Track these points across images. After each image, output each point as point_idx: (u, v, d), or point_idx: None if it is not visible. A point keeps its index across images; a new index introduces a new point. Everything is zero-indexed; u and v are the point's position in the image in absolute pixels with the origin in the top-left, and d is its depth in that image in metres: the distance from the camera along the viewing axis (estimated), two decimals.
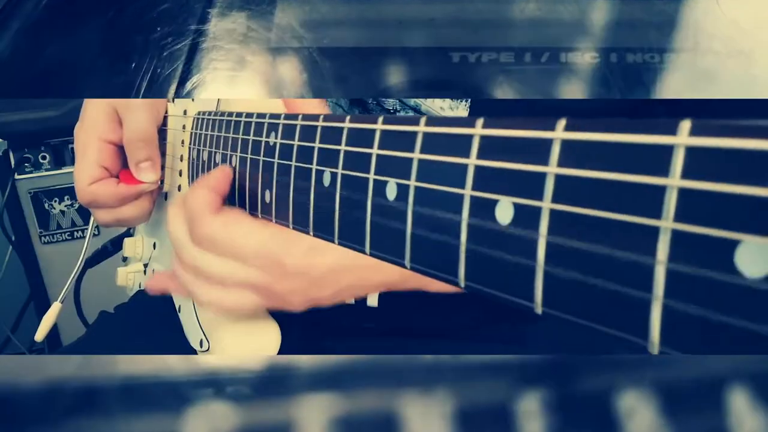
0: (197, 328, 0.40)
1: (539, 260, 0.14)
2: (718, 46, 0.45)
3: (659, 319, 0.13)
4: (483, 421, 0.36)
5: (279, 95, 0.51)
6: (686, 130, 0.13)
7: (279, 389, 0.37)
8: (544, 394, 0.36)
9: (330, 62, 0.52)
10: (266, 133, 0.27)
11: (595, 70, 0.47)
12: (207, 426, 0.34)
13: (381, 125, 0.19)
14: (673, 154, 0.13)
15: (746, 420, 0.34)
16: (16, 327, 0.99)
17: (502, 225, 0.15)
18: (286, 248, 0.31)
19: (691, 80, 0.45)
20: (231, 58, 0.54)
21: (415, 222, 0.17)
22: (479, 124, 0.16)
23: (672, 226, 0.13)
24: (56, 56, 0.52)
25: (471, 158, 0.16)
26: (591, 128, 0.14)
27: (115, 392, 0.35)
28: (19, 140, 0.93)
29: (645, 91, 0.45)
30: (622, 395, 0.36)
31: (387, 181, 0.18)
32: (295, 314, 0.37)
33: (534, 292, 0.14)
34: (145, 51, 0.54)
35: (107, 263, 0.61)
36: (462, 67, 0.50)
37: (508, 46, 0.49)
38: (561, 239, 0.14)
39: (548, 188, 0.14)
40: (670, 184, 0.13)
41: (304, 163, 0.23)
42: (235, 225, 0.32)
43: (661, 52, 0.46)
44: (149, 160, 0.42)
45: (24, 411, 0.34)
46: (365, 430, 0.35)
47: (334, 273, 0.32)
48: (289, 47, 0.53)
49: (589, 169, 0.14)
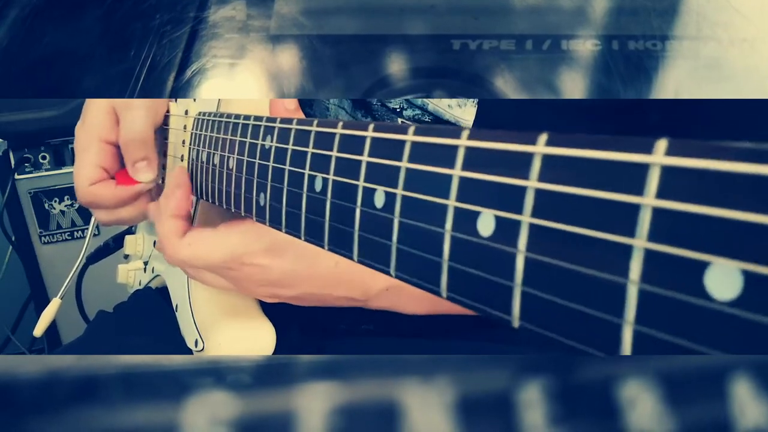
0: (193, 328, 0.41)
1: (517, 274, 0.15)
2: (721, 33, 0.44)
3: (630, 339, 0.13)
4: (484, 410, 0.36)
5: (279, 83, 0.51)
6: (662, 150, 0.13)
7: (279, 378, 0.38)
8: (545, 383, 0.36)
9: (330, 50, 0.52)
10: (263, 136, 0.28)
11: (597, 58, 0.46)
12: (207, 415, 0.34)
13: (371, 132, 0.19)
14: (648, 172, 0.13)
15: (749, 409, 0.34)
16: (16, 327, 0.99)
17: (483, 237, 0.15)
18: (244, 251, 0.35)
19: (693, 68, 0.45)
20: (231, 45, 0.53)
21: (401, 231, 0.18)
22: (464, 136, 0.16)
23: (645, 246, 0.13)
24: (54, 44, 0.52)
25: (456, 169, 0.16)
26: (571, 144, 0.14)
27: (114, 381, 0.36)
28: (19, 140, 0.93)
29: (647, 79, 0.45)
30: (624, 385, 0.36)
31: (375, 189, 0.19)
32: (293, 315, 0.38)
33: (512, 306, 0.15)
34: (144, 39, 0.54)
35: (109, 261, 0.62)
36: (463, 55, 0.49)
37: (510, 33, 0.48)
38: (539, 254, 0.14)
39: (528, 202, 0.15)
40: (644, 203, 0.13)
41: (297, 168, 0.24)
42: (198, 245, 0.36)
43: (663, 39, 0.45)
44: (145, 159, 0.42)
45: (23, 400, 0.35)
46: (365, 419, 0.36)
47: (290, 278, 0.35)
48: (290, 35, 0.53)
49: (568, 185, 0.14)
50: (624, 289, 0.13)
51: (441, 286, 0.16)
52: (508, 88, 0.46)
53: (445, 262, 0.16)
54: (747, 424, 0.33)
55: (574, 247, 0.14)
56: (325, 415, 0.36)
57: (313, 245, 0.22)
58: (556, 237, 0.14)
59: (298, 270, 0.35)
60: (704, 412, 0.35)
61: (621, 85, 0.44)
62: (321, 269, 0.35)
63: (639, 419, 0.35)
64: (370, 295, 0.36)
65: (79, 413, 0.34)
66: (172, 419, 0.34)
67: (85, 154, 0.44)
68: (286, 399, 0.37)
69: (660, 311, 0.12)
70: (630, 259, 0.13)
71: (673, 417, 0.35)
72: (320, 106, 0.42)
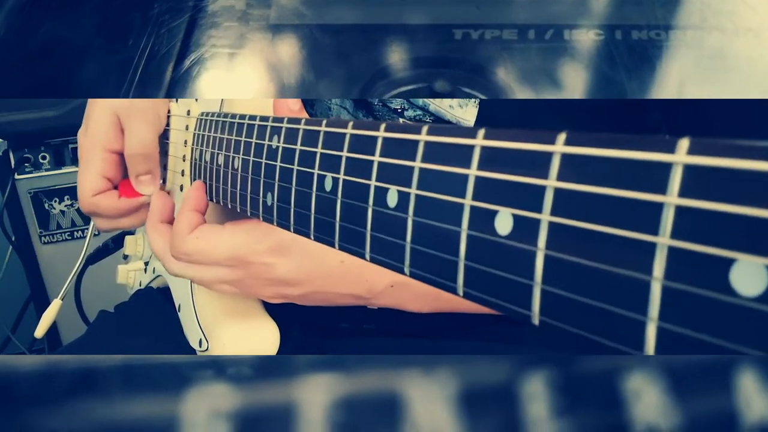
0: (196, 328, 0.41)
1: (537, 272, 0.15)
2: (726, 22, 0.44)
3: (654, 334, 0.13)
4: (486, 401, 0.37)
5: (279, 73, 0.51)
6: (684, 148, 0.13)
7: (280, 371, 0.38)
8: (549, 375, 0.36)
9: (331, 39, 0.52)
10: (269, 136, 0.28)
11: (600, 48, 0.46)
12: (207, 407, 0.35)
13: (383, 132, 0.19)
14: (671, 171, 0.13)
15: (755, 401, 0.34)
16: (16, 327, 0.99)
17: (501, 235, 0.15)
18: (249, 249, 0.35)
19: (697, 58, 0.44)
20: (230, 35, 0.53)
21: (415, 230, 0.18)
22: (480, 135, 0.16)
23: (668, 243, 0.13)
24: (52, 34, 0.52)
25: (472, 169, 0.16)
26: (591, 143, 0.14)
27: (114, 374, 0.36)
28: (19, 140, 0.92)
29: (651, 69, 0.45)
30: (629, 376, 0.36)
31: (388, 189, 0.18)
32: (295, 315, 0.38)
33: (531, 303, 0.15)
34: (142, 28, 0.53)
35: (108, 261, 0.61)
36: (464, 44, 0.49)
37: (512, 23, 0.48)
38: (559, 252, 0.14)
39: (547, 201, 0.15)
40: (667, 202, 0.13)
41: (306, 168, 0.24)
42: (204, 238, 0.36)
43: (666, 29, 0.45)
44: (149, 173, 0.43)
45: (23, 392, 0.35)
46: (367, 412, 0.36)
47: (297, 276, 0.35)
48: (289, 24, 0.52)
49: (588, 184, 0.14)
50: (648, 287, 0.13)
51: (458, 283, 0.16)
52: (510, 79, 0.46)
53: (461, 261, 0.16)
54: (753, 417, 0.34)
55: (595, 245, 0.14)
56: (326, 407, 0.36)
57: (321, 244, 0.22)
58: (577, 235, 0.14)
59: (304, 267, 0.35)
60: (710, 404, 0.36)
61: (625, 74, 0.44)
62: (327, 266, 0.35)
63: (644, 412, 0.35)
64: (375, 292, 0.36)
65: (78, 405, 0.34)
66: (173, 411, 0.34)
67: (88, 164, 0.44)
68: (287, 392, 0.37)
69: (684, 308, 0.12)
70: (653, 257, 0.13)
71: (679, 410, 0.35)
72: (322, 105, 0.42)
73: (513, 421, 0.36)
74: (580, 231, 0.14)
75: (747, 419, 0.34)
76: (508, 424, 0.36)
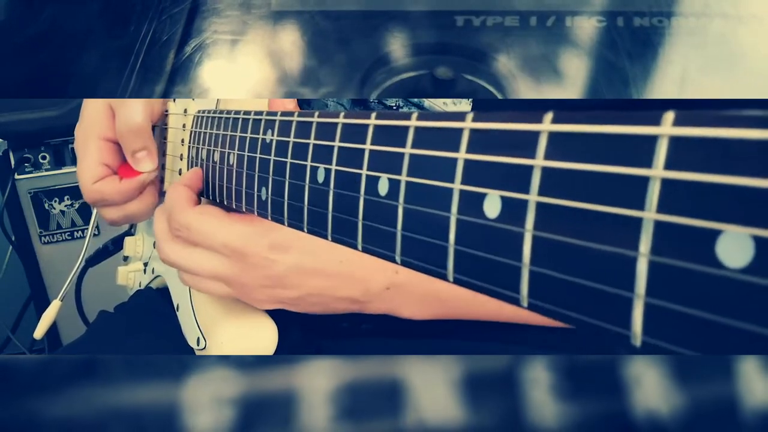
0: (195, 327, 0.41)
1: (525, 253, 0.14)
2: (729, 8, 0.44)
3: (641, 312, 0.13)
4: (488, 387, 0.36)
5: (280, 59, 0.51)
6: (670, 121, 0.13)
7: (283, 358, 0.38)
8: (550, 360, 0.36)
9: (332, 26, 0.51)
10: (263, 130, 0.28)
11: (602, 35, 0.46)
12: (210, 393, 0.35)
13: (374, 120, 0.19)
14: (656, 144, 0.13)
15: (756, 386, 0.34)
16: (16, 327, 0.99)
17: (489, 219, 0.15)
18: (249, 242, 0.34)
19: (700, 44, 0.44)
20: (232, 21, 0.53)
21: (406, 217, 0.17)
22: (469, 118, 0.16)
23: (654, 217, 0.13)
24: (54, 19, 0.52)
25: (461, 152, 0.16)
26: (577, 120, 0.14)
27: (117, 359, 0.36)
28: (19, 140, 0.92)
29: (653, 56, 0.44)
30: (630, 362, 0.36)
31: (379, 177, 0.18)
32: (294, 315, 0.38)
33: (520, 285, 0.15)
34: (144, 14, 0.53)
35: (108, 262, 0.61)
36: (466, 31, 0.49)
37: (513, 9, 0.48)
38: (546, 232, 0.14)
39: (535, 181, 0.14)
40: (653, 175, 0.13)
41: (299, 160, 0.23)
42: (207, 216, 0.36)
43: (669, 15, 0.44)
44: (145, 149, 0.42)
45: (24, 379, 0.35)
46: (369, 397, 0.36)
47: (296, 274, 0.35)
48: (291, 11, 0.52)
49: (575, 161, 0.14)
50: (634, 263, 0.13)
51: (448, 269, 0.16)
52: (512, 65, 0.46)
53: (451, 246, 0.16)
54: (755, 402, 0.33)
55: (582, 224, 0.14)
56: (328, 393, 0.36)
57: (317, 242, 0.22)
58: (564, 214, 0.14)
59: (303, 265, 0.34)
60: (711, 389, 0.35)
61: (627, 61, 0.43)
62: (326, 266, 0.35)
63: (645, 397, 0.35)
64: (371, 295, 0.36)
65: (81, 392, 0.34)
66: (175, 397, 0.34)
67: (85, 153, 0.44)
68: (289, 377, 0.37)
69: (671, 283, 0.12)
70: (640, 232, 0.13)
71: (680, 394, 0.35)
72: (319, 105, 0.42)
73: (514, 407, 0.36)
74: (567, 210, 0.14)
75: (748, 404, 0.34)
76: (509, 410, 0.36)
